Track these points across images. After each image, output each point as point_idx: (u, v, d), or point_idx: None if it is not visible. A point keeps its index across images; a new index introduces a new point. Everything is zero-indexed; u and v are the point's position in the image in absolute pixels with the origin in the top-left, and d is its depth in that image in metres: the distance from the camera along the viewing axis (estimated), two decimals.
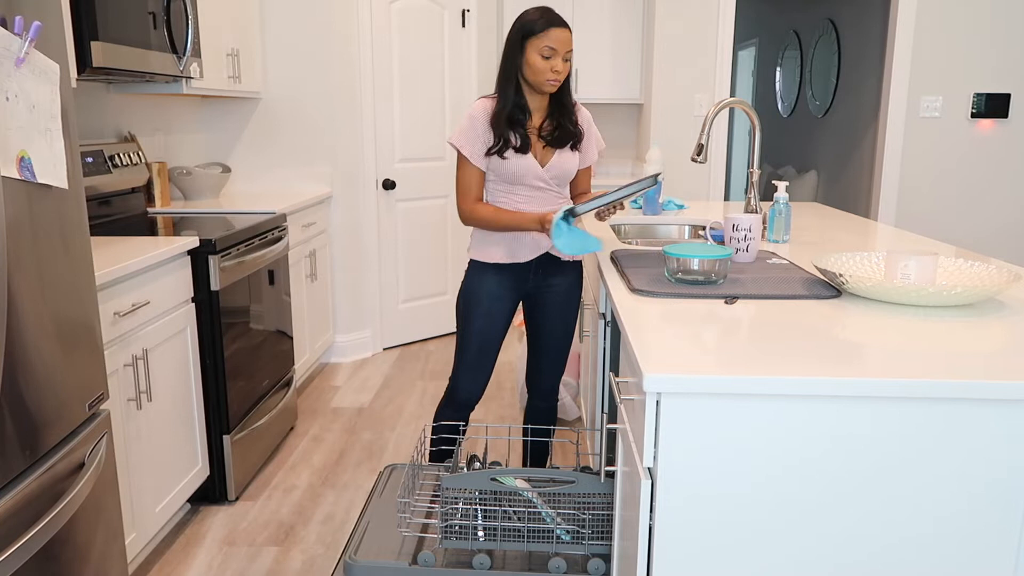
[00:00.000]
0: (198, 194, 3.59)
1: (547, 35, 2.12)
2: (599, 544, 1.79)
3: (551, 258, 2.29)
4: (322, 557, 2.36)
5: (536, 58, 2.13)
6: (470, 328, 2.26)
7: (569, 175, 2.24)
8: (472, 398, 2.33)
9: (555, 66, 2.13)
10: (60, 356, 1.55)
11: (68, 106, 1.57)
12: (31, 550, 1.41)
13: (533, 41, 2.13)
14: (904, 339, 1.31)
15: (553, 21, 2.13)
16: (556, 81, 2.14)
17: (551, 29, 2.12)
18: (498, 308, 2.26)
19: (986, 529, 1.17)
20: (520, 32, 2.16)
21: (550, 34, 2.12)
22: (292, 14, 3.81)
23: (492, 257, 2.24)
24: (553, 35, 2.12)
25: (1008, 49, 4.55)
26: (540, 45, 2.12)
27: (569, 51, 2.15)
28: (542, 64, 2.13)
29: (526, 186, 2.19)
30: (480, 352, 2.28)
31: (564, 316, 2.36)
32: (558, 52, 2.12)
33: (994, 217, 4.76)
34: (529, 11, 2.17)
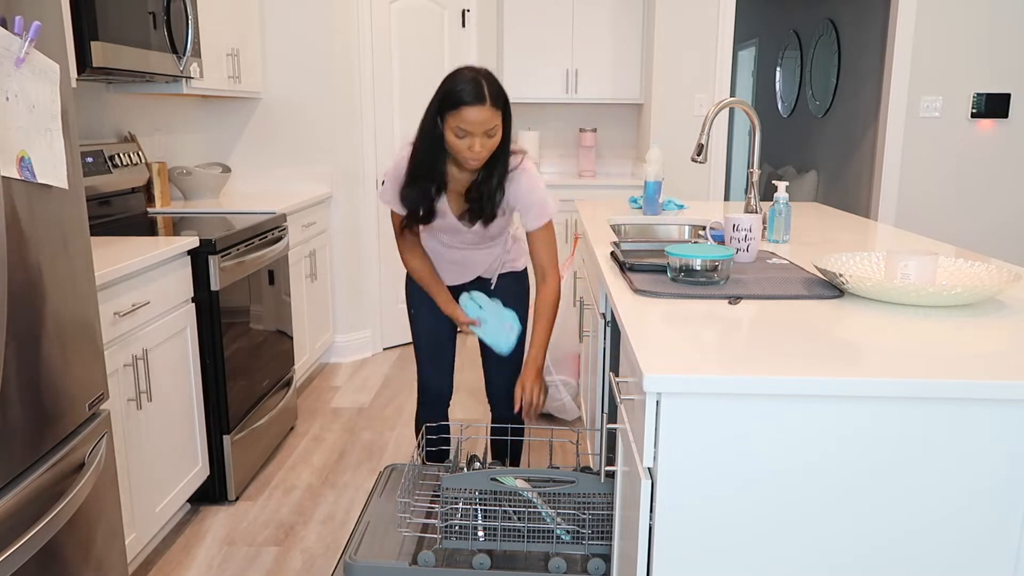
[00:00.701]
0: (198, 194, 3.59)
1: (460, 114, 1.86)
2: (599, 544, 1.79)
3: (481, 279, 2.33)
4: (322, 557, 2.36)
5: (451, 136, 1.91)
6: (418, 327, 2.33)
7: (495, 231, 2.18)
8: (441, 393, 2.36)
9: (472, 146, 1.90)
10: (60, 356, 1.55)
11: (68, 106, 1.56)
12: (31, 550, 1.41)
13: (448, 117, 1.89)
14: (904, 339, 1.31)
15: (471, 97, 1.85)
16: (475, 161, 1.93)
17: (464, 108, 1.85)
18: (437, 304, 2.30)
19: (986, 529, 1.17)
20: (439, 99, 1.91)
21: (462, 113, 1.86)
22: (292, 14, 3.81)
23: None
24: (466, 114, 1.86)
25: (1008, 49, 4.55)
26: (454, 124, 1.88)
27: (493, 128, 1.90)
28: (457, 144, 1.91)
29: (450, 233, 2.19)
30: (433, 348, 2.32)
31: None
32: (473, 133, 1.88)
33: (994, 217, 4.76)
34: (458, 73, 1.90)
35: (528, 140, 5.12)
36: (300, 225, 3.54)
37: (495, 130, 1.93)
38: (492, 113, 1.89)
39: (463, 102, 1.87)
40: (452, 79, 1.91)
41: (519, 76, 5.09)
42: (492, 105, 1.89)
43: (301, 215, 3.55)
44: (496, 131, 1.94)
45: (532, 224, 2.11)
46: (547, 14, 5.02)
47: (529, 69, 5.08)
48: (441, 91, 1.92)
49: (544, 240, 2.13)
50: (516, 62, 5.08)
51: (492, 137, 1.94)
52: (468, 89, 1.87)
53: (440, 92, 1.93)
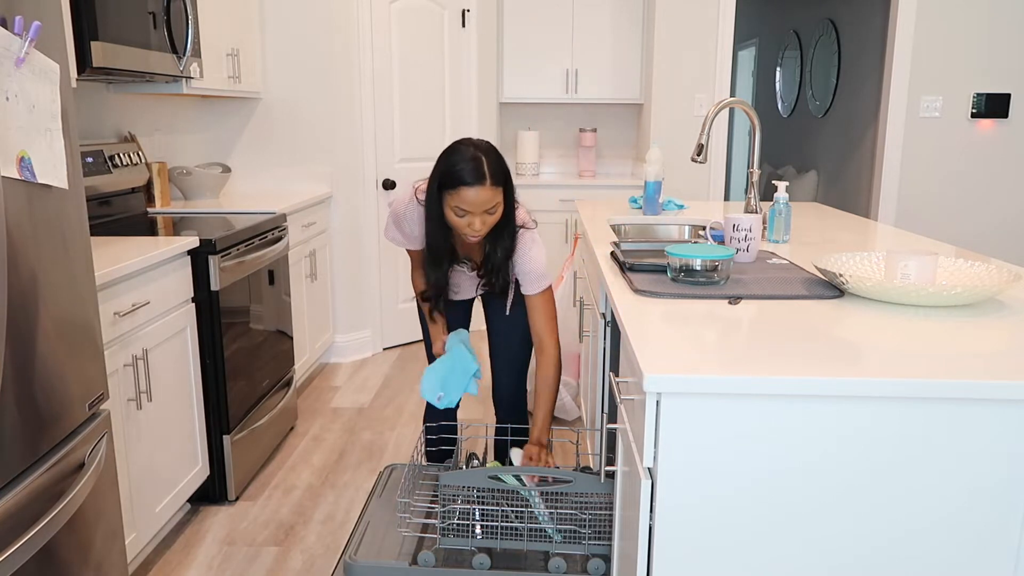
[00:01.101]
0: (198, 194, 3.59)
1: (458, 194, 1.85)
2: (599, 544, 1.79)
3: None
4: (322, 557, 2.36)
5: (450, 214, 1.90)
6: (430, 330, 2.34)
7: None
8: None
9: (472, 223, 1.89)
10: (60, 356, 1.55)
11: (68, 106, 1.56)
12: (31, 550, 1.41)
13: (446, 196, 1.88)
14: (904, 339, 1.31)
15: (469, 178, 1.84)
16: (476, 237, 1.93)
17: (462, 188, 1.84)
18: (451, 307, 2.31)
19: (986, 529, 1.17)
20: (439, 176, 1.89)
21: (460, 194, 1.85)
22: (292, 14, 3.81)
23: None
24: (463, 196, 1.85)
25: (1008, 49, 4.55)
26: (452, 203, 1.88)
27: (494, 206, 1.89)
28: (457, 222, 1.90)
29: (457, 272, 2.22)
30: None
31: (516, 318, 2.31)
32: (473, 212, 1.88)
33: (994, 217, 4.76)
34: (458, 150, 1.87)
35: (528, 140, 5.12)
36: (300, 225, 3.54)
37: (496, 208, 1.91)
38: (492, 192, 1.87)
39: (462, 182, 1.84)
40: (451, 156, 1.88)
41: (519, 76, 5.09)
42: (492, 184, 1.86)
43: (301, 215, 3.55)
44: (497, 208, 1.91)
45: (531, 290, 2.09)
46: (547, 14, 5.02)
47: (529, 69, 5.08)
48: (440, 167, 1.90)
49: (543, 308, 2.09)
50: (516, 62, 5.08)
51: (492, 215, 1.91)
52: (467, 168, 1.84)
53: (439, 168, 1.90)
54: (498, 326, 2.34)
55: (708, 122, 2.46)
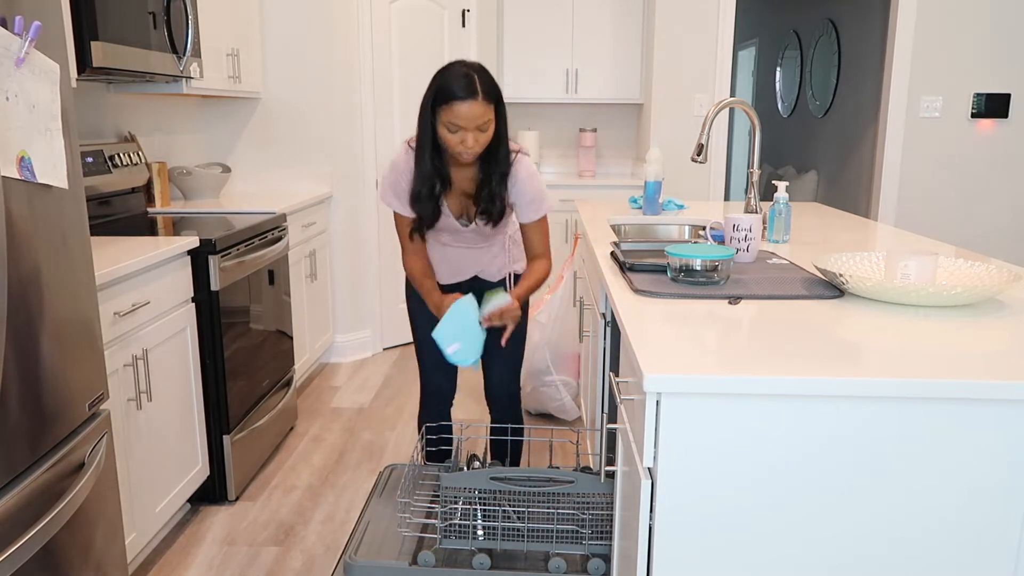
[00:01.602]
0: (198, 194, 3.59)
1: (451, 108, 1.88)
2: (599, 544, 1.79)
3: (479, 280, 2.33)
4: (322, 557, 2.36)
5: (443, 131, 1.92)
6: (420, 329, 2.33)
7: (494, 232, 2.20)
8: (443, 394, 2.37)
9: (464, 140, 1.91)
10: (60, 356, 1.55)
11: (68, 106, 1.56)
12: (31, 550, 1.41)
13: (440, 112, 1.91)
14: (904, 339, 1.31)
15: (462, 92, 1.87)
16: (468, 155, 1.95)
17: (455, 102, 1.87)
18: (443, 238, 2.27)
19: (986, 529, 1.17)
20: (430, 96, 1.93)
21: (453, 108, 1.88)
22: (292, 14, 3.81)
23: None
24: (458, 110, 1.88)
25: (1008, 49, 4.55)
26: (446, 118, 1.90)
27: (485, 122, 1.91)
28: (450, 138, 1.92)
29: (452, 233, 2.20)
30: (435, 350, 2.31)
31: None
32: (465, 128, 1.90)
33: (994, 217, 4.76)
34: (450, 68, 1.92)
35: (528, 140, 5.12)
36: (300, 225, 3.54)
37: (487, 124, 1.93)
38: (484, 107, 1.90)
39: (455, 97, 1.88)
40: (444, 74, 1.92)
41: (519, 76, 5.09)
42: (484, 99, 1.90)
43: (301, 215, 3.55)
44: (488, 125, 1.94)
45: (529, 218, 2.14)
46: (547, 14, 5.02)
47: (529, 69, 5.08)
48: (433, 86, 1.94)
49: (539, 231, 2.17)
50: (516, 62, 5.08)
51: (484, 132, 1.94)
52: (460, 84, 1.88)
53: (432, 87, 1.94)
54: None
55: (708, 122, 2.46)
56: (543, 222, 2.17)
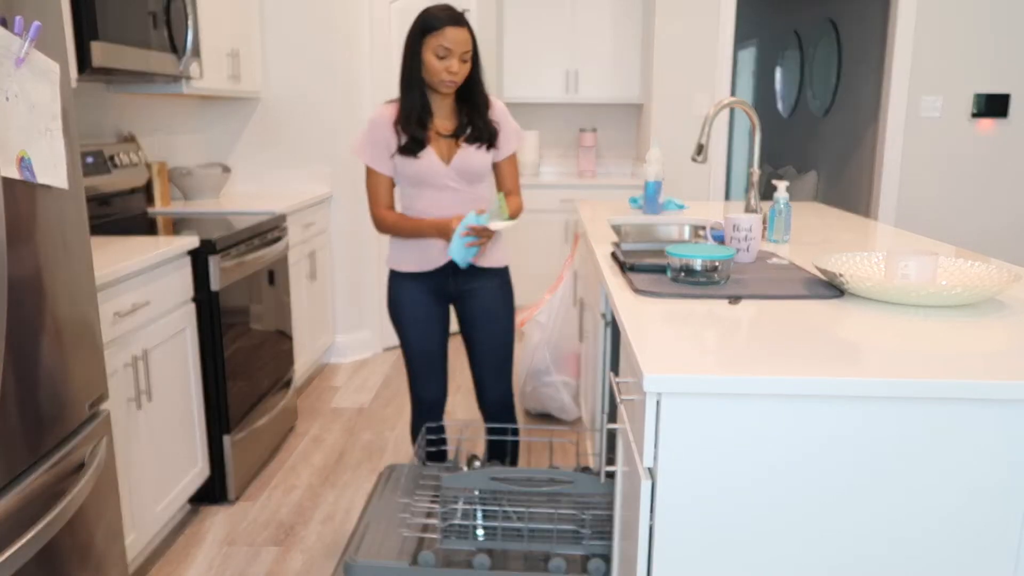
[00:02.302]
0: (198, 194, 3.59)
1: (442, 34, 2.05)
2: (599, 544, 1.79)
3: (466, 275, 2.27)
4: (322, 557, 2.36)
5: (431, 58, 2.08)
6: (405, 339, 2.29)
7: (476, 173, 2.18)
8: (435, 403, 2.33)
9: (450, 67, 2.07)
10: (60, 356, 1.55)
11: (68, 106, 1.56)
12: (31, 550, 1.41)
13: (428, 40, 2.07)
14: (904, 339, 1.31)
15: (449, 20, 2.06)
16: (452, 83, 2.09)
17: (446, 28, 2.05)
18: (425, 314, 2.25)
19: (986, 528, 1.17)
20: (418, 28, 2.09)
21: (444, 33, 2.05)
22: (292, 14, 3.81)
23: (405, 266, 2.23)
24: (448, 34, 2.05)
25: (1008, 49, 4.55)
26: (434, 44, 2.06)
27: (467, 51, 2.09)
28: (436, 64, 2.07)
29: (432, 187, 2.17)
30: (423, 359, 2.28)
31: (496, 321, 2.28)
32: (453, 52, 2.06)
33: (994, 217, 4.76)
34: (431, 7, 2.10)
35: (528, 140, 5.12)
36: (300, 225, 3.54)
37: (468, 55, 2.10)
38: (468, 35, 2.09)
39: (444, 23, 2.06)
40: (428, 10, 2.09)
41: (519, 76, 5.09)
42: (467, 29, 2.09)
43: (301, 215, 3.55)
44: (469, 56, 2.11)
45: (508, 149, 2.26)
46: (547, 14, 5.02)
47: (529, 69, 5.08)
48: (420, 20, 2.09)
49: (513, 165, 2.30)
50: (516, 62, 5.08)
51: (466, 63, 2.10)
52: (446, 13, 2.07)
53: (418, 21, 2.10)
54: (476, 334, 2.29)
55: (708, 122, 2.46)
56: (515, 158, 2.31)
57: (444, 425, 2.42)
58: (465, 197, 2.20)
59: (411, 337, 2.27)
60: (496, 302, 2.28)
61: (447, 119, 2.19)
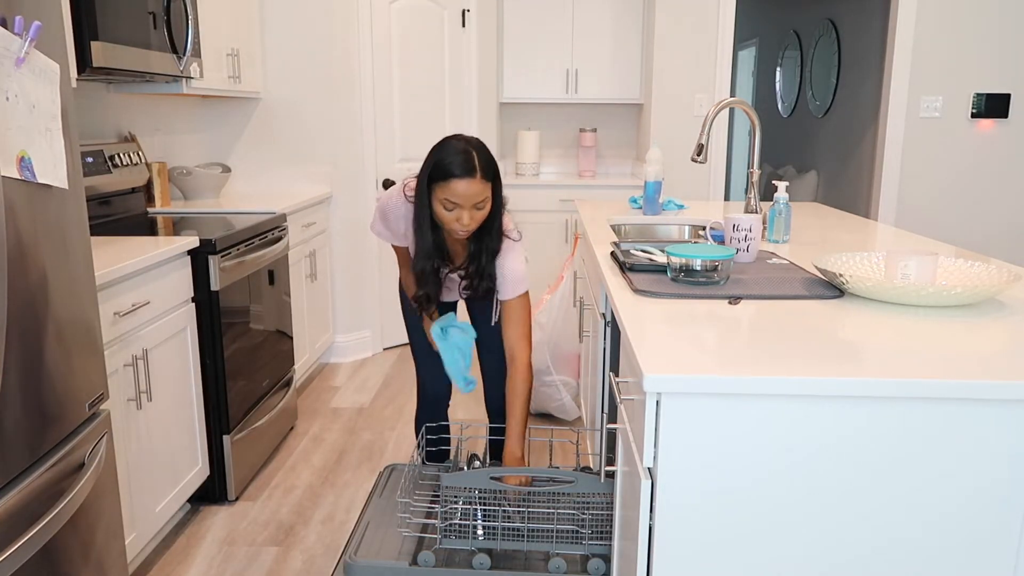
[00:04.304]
0: (198, 194, 3.59)
1: (448, 186, 1.86)
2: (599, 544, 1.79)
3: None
4: (322, 557, 2.36)
5: (439, 207, 1.91)
6: (414, 334, 2.33)
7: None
8: (439, 394, 2.37)
9: (460, 218, 1.89)
10: (60, 356, 1.55)
11: (68, 106, 1.56)
12: (31, 550, 1.41)
13: (436, 188, 1.89)
14: (904, 339, 1.31)
15: (460, 170, 1.85)
16: (464, 232, 1.93)
17: (453, 180, 1.85)
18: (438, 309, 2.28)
19: (986, 528, 1.17)
20: (429, 170, 1.91)
21: (451, 185, 1.86)
22: (292, 14, 3.81)
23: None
24: (453, 188, 1.86)
25: (1008, 49, 4.55)
26: (441, 196, 1.89)
27: (482, 200, 1.90)
28: (445, 216, 1.91)
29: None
30: (430, 350, 2.31)
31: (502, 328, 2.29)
32: (462, 205, 1.88)
33: (994, 217, 4.76)
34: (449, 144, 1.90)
35: (528, 140, 5.12)
36: (300, 225, 3.53)
37: (484, 203, 1.91)
38: (482, 186, 1.88)
39: (452, 175, 1.85)
40: (442, 149, 1.89)
41: (519, 76, 5.09)
42: (482, 178, 1.88)
43: (301, 215, 3.55)
44: (485, 204, 1.92)
45: (508, 293, 2.07)
46: (547, 14, 5.02)
47: (529, 69, 5.08)
48: (430, 161, 1.91)
49: (518, 311, 2.07)
50: (516, 62, 5.08)
51: (481, 210, 1.92)
52: (458, 161, 1.86)
53: (429, 162, 1.91)
54: (484, 338, 2.33)
55: (708, 122, 2.46)
56: (524, 304, 2.09)
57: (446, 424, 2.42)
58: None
59: (418, 323, 2.32)
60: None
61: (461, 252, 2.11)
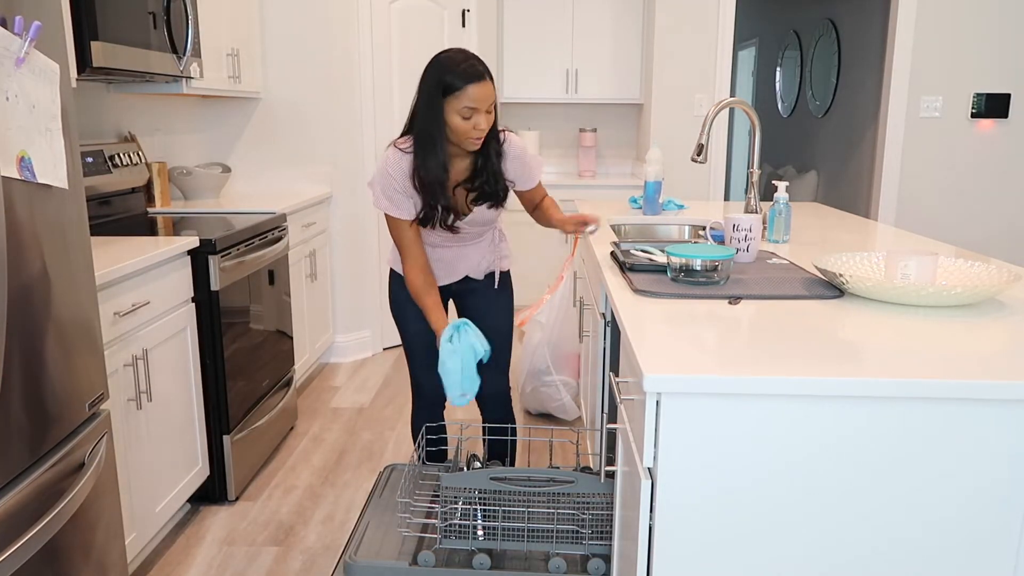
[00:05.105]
0: (198, 194, 3.59)
1: (465, 94, 1.91)
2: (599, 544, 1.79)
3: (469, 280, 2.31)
4: (322, 557, 2.36)
5: (456, 119, 1.94)
6: (408, 332, 2.31)
7: (488, 222, 2.20)
8: (436, 395, 2.35)
9: (478, 124, 1.94)
10: (60, 356, 1.55)
11: (68, 106, 1.56)
12: (31, 550, 1.41)
13: (451, 101, 1.92)
14: (904, 339, 1.31)
15: (472, 75, 1.90)
16: (480, 139, 1.98)
17: (469, 87, 1.90)
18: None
19: (986, 528, 1.17)
20: (437, 87, 1.93)
21: (468, 92, 1.91)
22: (292, 14, 3.81)
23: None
24: (471, 93, 1.91)
25: (1008, 49, 4.55)
26: (459, 106, 1.92)
27: (492, 103, 1.95)
28: (463, 125, 1.94)
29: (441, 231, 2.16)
30: (425, 350, 2.30)
31: (494, 316, 2.31)
32: (479, 109, 1.93)
33: (994, 217, 4.76)
34: (447, 58, 1.93)
35: (528, 140, 5.12)
36: (300, 225, 3.54)
37: (492, 106, 1.98)
38: (491, 88, 1.95)
39: (470, 79, 1.91)
40: (444, 65, 1.93)
41: (519, 76, 5.09)
42: (489, 80, 1.96)
43: (301, 215, 3.55)
44: (493, 107, 1.98)
45: (534, 179, 2.20)
46: (547, 14, 5.02)
47: (529, 69, 5.08)
48: (435, 78, 1.94)
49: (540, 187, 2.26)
50: (516, 62, 5.08)
51: (490, 113, 1.98)
52: (467, 69, 1.92)
53: (434, 79, 1.94)
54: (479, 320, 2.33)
55: (708, 122, 2.46)
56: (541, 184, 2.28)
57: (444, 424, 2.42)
58: (475, 236, 2.24)
59: (412, 331, 2.29)
60: (494, 297, 2.32)
61: (463, 168, 2.10)
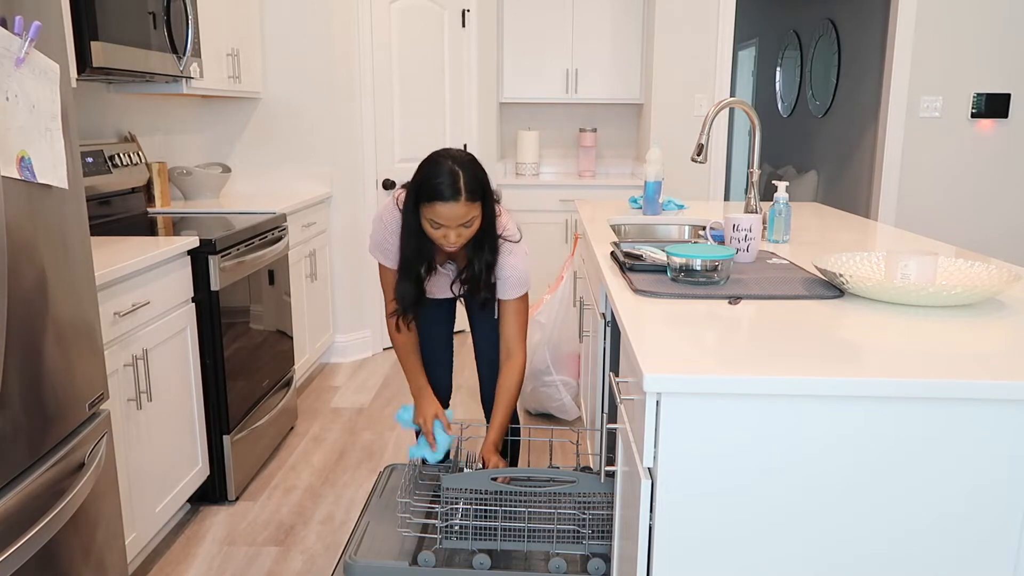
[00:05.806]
0: (198, 194, 3.59)
1: (432, 208, 1.86)
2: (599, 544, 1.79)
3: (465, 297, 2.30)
4: (322, 557, 2.36)
5: (426, 225, 1.91)
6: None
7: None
8: (441, 393, 2.36)
9: (447, 236, 1.89)
10: (60, 356, 1.55)
11: (68, 106, 1.56)
12: (31, 550, 1.41)
13: (423, 207, 1.88)
14: (904, 339, 1.31)
15: (442, 194, 1.83)
16: (452, 248, 1.93)
17: (435, 204, 1.84)
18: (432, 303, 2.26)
19: (986, 529, 1.17)
20: (415, 188, 1.90)
21: (435, 208, 1.85)
22: (292, 14, 3.81)
23: None
24: (438, 210, 1.85)
25: (1008, 49, 4.55)
26: (427, 215, 1.88)
27: (469, 219, 1.88)
28: (434, 233, 1.91)
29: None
30: (429, 351, 2.30)
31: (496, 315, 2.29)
32: (447, 226, 1.88)
33: (994, 217, 4.76)
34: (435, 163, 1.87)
35: (528, 140, 5.12)
36: (300, 225, 3.54)
37: (472, 221, 1.91)
38: (467, 208, 1.86)
39: (437, 197, 1.84)
40: (430, 168, 1.88)
41: (519, 76, 5.09)
42: (468, 200, 1.86)
43: (301, 215, 3.55)
44: (473, 222, 1.91)
45: (506, 295, 2.09)
46: (547, 14, 5.02)
47: (529, 69, 5.08)
48: (418, 179, 1.90)
49: (516, 312, 2.10)
50: (516, 62, 5.08)
51: (469, 227, 1.92)
52: (444, 183, 1.84)
53: (417, 180, 1.90)
54: (482, 329, 2.32)
55: (708, 122, 2.46)
56: (522, 305, 2.10)
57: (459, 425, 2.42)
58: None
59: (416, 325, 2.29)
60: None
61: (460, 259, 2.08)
